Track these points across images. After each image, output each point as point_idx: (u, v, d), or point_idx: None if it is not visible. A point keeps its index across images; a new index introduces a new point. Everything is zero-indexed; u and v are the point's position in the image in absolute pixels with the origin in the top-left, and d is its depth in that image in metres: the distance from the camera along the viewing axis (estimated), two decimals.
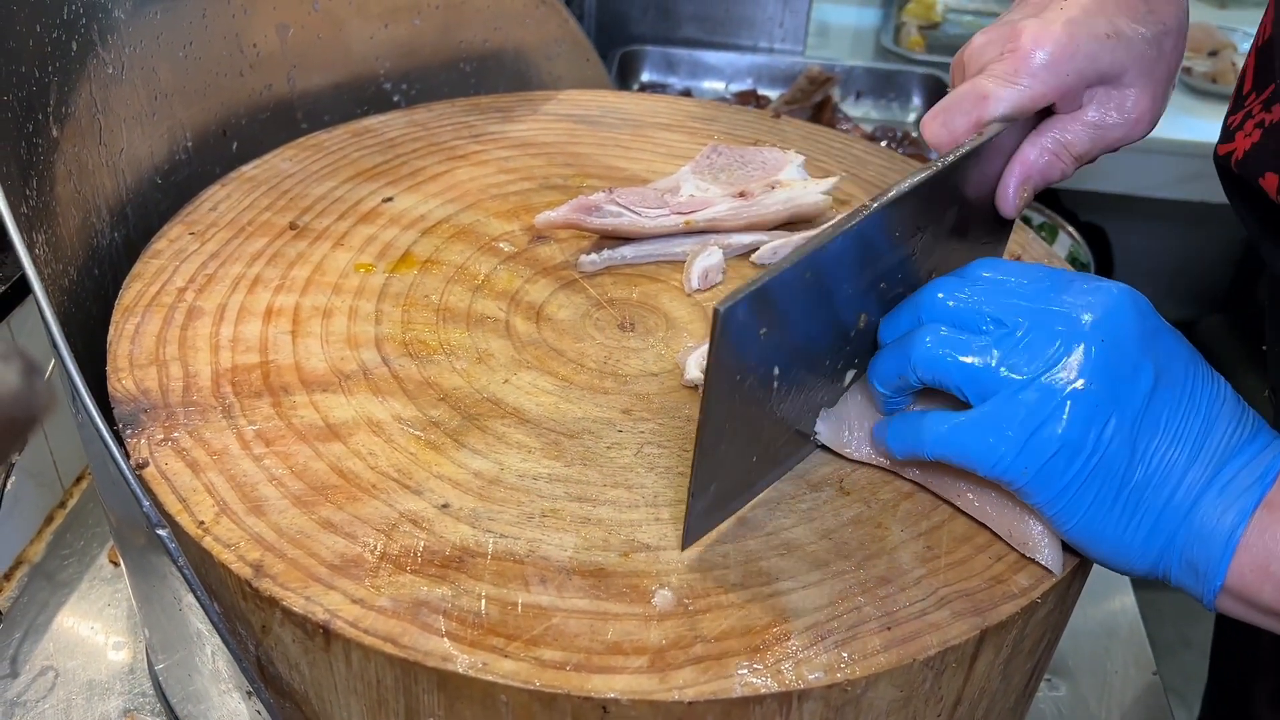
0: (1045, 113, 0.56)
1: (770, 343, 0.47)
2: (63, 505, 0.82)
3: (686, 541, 0.49)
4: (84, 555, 0.77)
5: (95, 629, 0.72)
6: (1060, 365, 0.45)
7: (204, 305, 0.63)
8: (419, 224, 0.72)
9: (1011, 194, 0.55)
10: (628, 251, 0.70)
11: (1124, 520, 0.45)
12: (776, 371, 0.48)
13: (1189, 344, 0.48)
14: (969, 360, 0.46)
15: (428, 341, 0.62)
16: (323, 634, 0.46)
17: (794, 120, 0.89)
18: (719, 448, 0.47)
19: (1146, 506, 0.45)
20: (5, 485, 0.71)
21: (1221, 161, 0.62)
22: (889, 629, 0.47)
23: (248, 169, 0.77)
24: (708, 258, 0.68)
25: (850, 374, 0.54)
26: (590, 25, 1.57)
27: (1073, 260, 1.06)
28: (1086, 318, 0.45)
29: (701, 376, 0.58)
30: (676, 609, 0.47)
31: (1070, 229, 1.07)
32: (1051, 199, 2.17)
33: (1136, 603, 0.82)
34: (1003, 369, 0.45)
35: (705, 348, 0.59)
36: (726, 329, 0.43)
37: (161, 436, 0.54)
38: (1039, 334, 0.46)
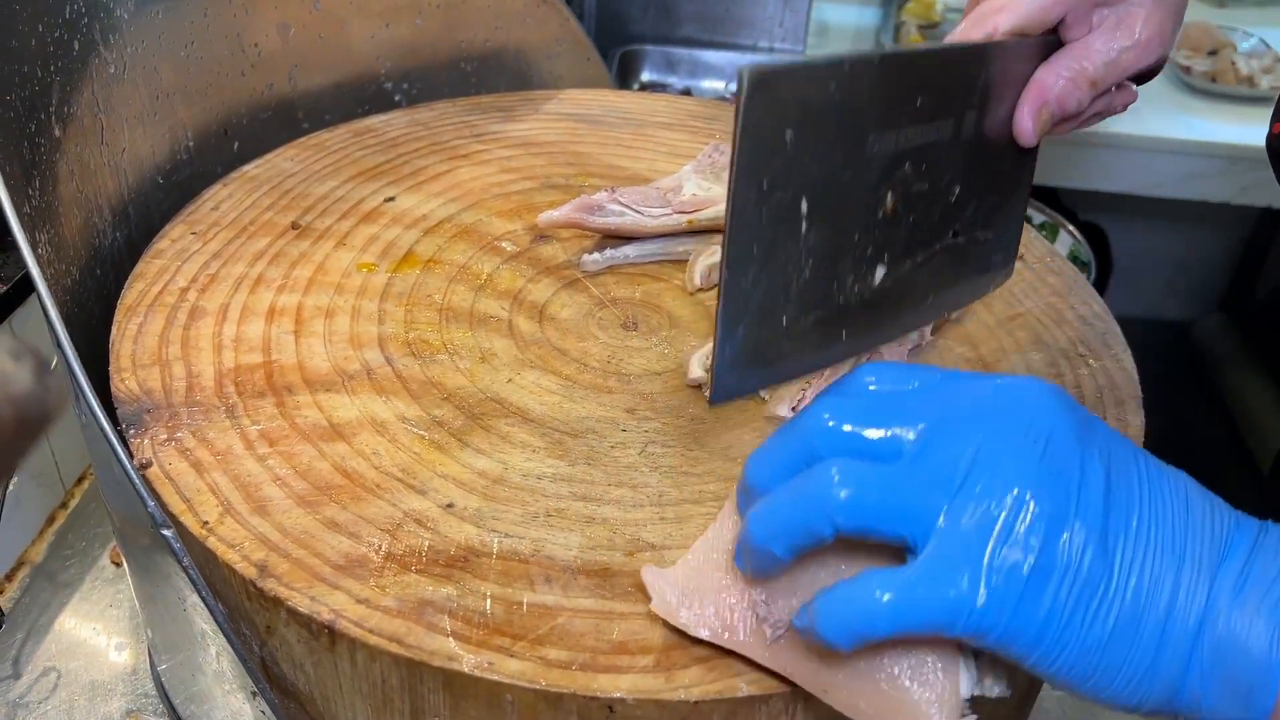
0: (1055, 47, 0.57)
1: (796, 156, 0.46)
2: (64, 506, 0.81)
3: (714, 397, 0.47)
4: (86, 556, 0.77)
5: (97, 630, 0.72)
6: (1002, 481, 0.38)
7: (206, 305, 0.63)
8: (421, 223, 0.72)
9: (1028, 118, 0.55)
10: (630, 251, 0.70)
11: (1124, 646, 0.38)
12: (805, 208, 0.47)
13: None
14: (898, 494, 0.38)
15: (431, 341, 0.62)
16: (328, 634, 0.46)
17: None
18: (747, 272, 0.46)
19: (1145, 624, 0.37)
20: (8, 487, 0.71)
21: (1275, 143, 0.61)
22: None
23: (249, 168, 0.76)
24: (711, 256, 0.68)
25: (880, 271, 0.52)
26: (590, 24, 1.57)
27: (1073, 258, 1.06)
28: (1015, 421, 0.39)
29: (705, 375, 0.58)
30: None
31: (1070, 228, 1.07)
32: (1051, 198, 2.17)
33: None
34: (939, 499, 0.38)
35: (709, 347, 0.59)
36: (754, 96, 0.43)
37: (165, 436, 0.54)
38: (967, 449, 0.39)
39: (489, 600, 0.47)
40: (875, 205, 0.51)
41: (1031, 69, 0.56)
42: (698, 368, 0.60)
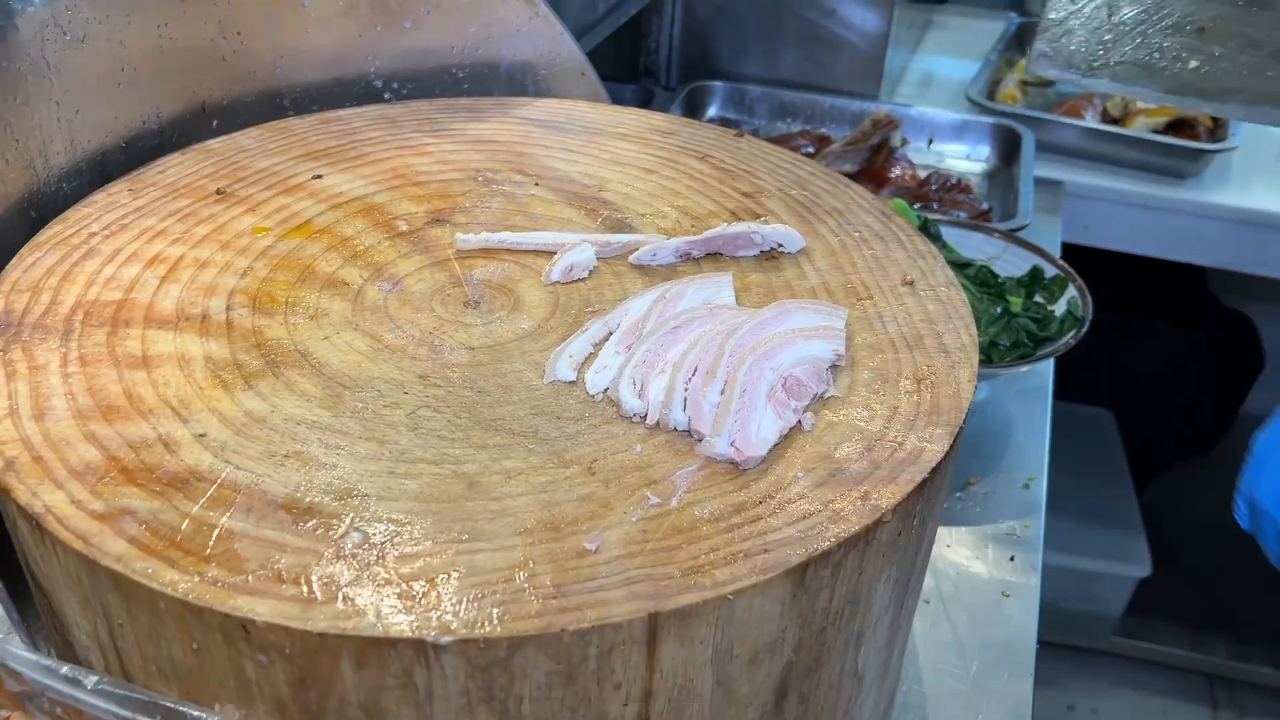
0: None
1: None
2: None
3: None
4: None
5: None
6: None
7: (103, 248, 0.69)
8: (335, 199, 0.77)
9: None
10: (509, 236, 0.72)
11: None
12: None
13: None
14: None
15: (276, 297, 0.65)
16: (38, 528, 0.49)
17: (754, 139, 0.89)
18: None
19: None
20: None
21: None
22: (555, 598, 0.46)
23: (212, 142, 0.83)
24: (578, 253, 0.69)
25: None
26: (675, 58, 1.60)
27: (1069, 313, 1.00)
28: None
29: (569, 377, 0.60)
30: (359, 551, 0.48)
31: (1079, 282, 1.01)
32: (1196, 280, 2.02)
33: None
34: None
35: (572, 346, 0.61)
36: None
37: (1, 349, 0.60)
38: None
39: (186, 520, 0.49)
40: None
41: None
42: (564, 370, 0.60)
